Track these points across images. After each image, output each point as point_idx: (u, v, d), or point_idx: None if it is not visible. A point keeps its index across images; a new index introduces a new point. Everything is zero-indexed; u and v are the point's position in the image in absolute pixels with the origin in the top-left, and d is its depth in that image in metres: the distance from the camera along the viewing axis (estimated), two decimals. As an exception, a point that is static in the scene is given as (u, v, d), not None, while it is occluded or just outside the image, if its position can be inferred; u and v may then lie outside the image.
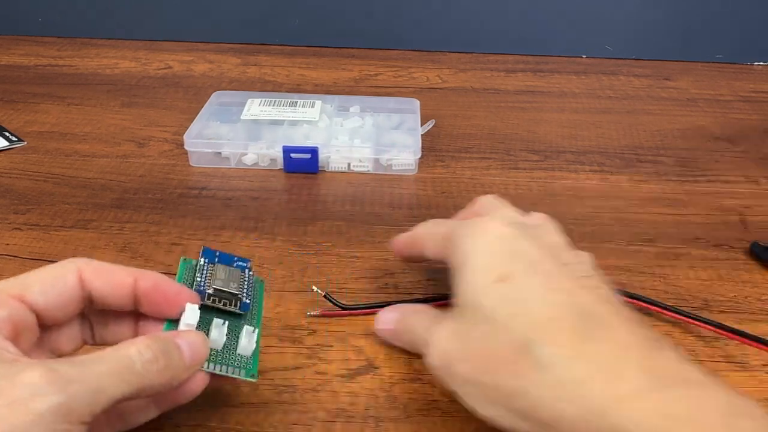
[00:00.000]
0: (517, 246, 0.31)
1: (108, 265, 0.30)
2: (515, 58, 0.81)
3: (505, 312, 0.28)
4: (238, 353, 0.32)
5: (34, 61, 0.77)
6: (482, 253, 0.31)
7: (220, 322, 0.31)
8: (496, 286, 0.29)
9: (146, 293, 0.30)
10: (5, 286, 0.28)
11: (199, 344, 0.29)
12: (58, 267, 0.30)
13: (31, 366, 0.24)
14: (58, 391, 0.23)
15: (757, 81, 0.77)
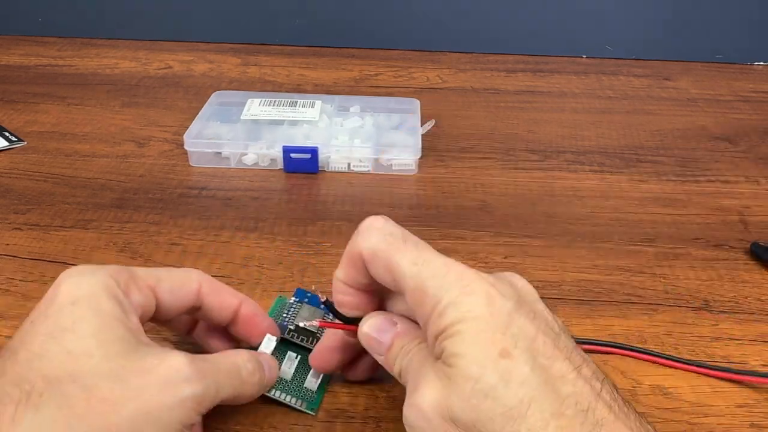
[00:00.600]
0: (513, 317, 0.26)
1: (219, 285, 0.34)
2: (515, 58, 0.81)
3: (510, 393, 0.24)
4: (305, 386, 0.35)
5: (34, 61, 0.77)
6: (483, 320, 0.26)
7: (293, 356, 0.35)
8: (498, 363, 0.25)
9: (243, 319, 0.34)
10: (143, 275, 0.31)
11: (275, 368, 0.33)
12: (184, 273, 0.33)
13: (174, 353, 0.27)
14: (199, 380, 0.27)
15: (757, 81, 0.77)
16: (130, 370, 0.26)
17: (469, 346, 0.25)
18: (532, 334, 0.26)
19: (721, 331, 0.40)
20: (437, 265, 0.27)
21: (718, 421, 0.34)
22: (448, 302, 0.26)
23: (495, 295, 0.26)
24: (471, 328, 0.25)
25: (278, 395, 0.34)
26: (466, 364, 0.25)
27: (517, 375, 0.24)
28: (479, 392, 0.24)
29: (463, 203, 0.52)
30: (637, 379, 0.36)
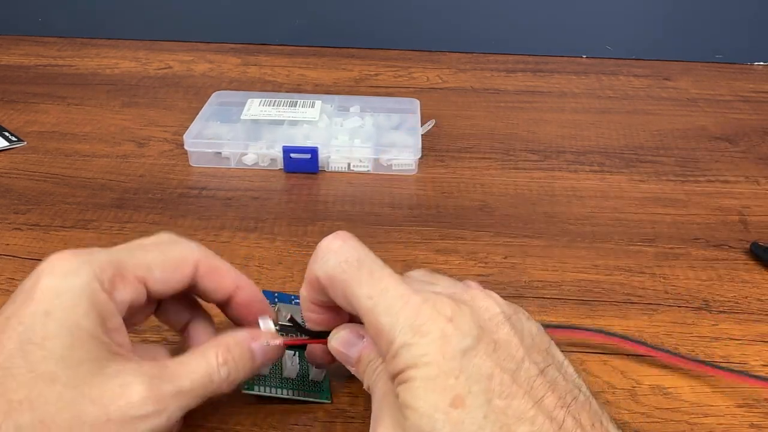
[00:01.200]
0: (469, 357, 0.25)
1: (219, 266, 0.31)
2: (515, 58, 0.81)
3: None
4: (311, 379, 0.35)
5: (34, 61, 0.77)
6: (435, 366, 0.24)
7: (290, 354, 0.34)
8: (449, 413, 0.24)
9: (239, 304, 0.32)
10: (132, 266, 0.29)
11: (273, 348, 0.31)
12: (179, 254, 0.30)
13: (133, 379, 0.26)
14: (159, 413, 0.26)
15: (757, 81, 0.77)
16: (90, 401, 0.25)
17: (420, 397, 0.24)
18: (489, 372, 0.24)
19: (721, 331, 0.40)
20: (392, 299, 0.26)
21: (718, 421, 0.34)
22: (401, 344, 0.25)
23: (451, 334, 0.25)
24: (423, 374, 0.24)
25: (290, 394, 0.34)
26: (417, 418, 0.24)
27: (469, 424, 0.23)
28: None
29: (463, 203, 0.52)
30: (637, 379, 0.36)
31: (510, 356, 0.25)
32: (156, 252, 0.30)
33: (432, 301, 0.26)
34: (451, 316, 0.25)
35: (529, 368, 0.25)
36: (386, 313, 0.26)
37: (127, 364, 0.27)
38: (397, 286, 0.26)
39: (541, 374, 0.25)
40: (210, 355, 0.29)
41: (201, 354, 0.29)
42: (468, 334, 0.25)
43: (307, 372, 0.35)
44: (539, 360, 0.26)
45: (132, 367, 0.27)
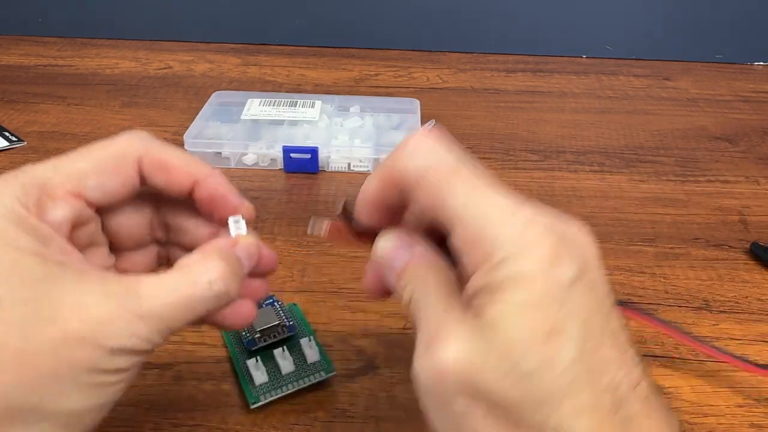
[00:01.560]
0: (572, 291, 0.22)
1: (169, 158, 0.27)
2: (515, 58, 0.81)
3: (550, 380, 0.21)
4: (310, 363, 0.35)
5: (34, 61, 0.77)
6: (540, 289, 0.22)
7: (280, 351, 0.35)
8: (543, 345, 0.21)
9: (201, 200, 0.28)
10: (60, 179, 0.25)
11: (254, 254, 0.28)
12: (114, 154, 0.27)
13: (92, 296, 0.23)
14: (121, 331, 0.23)
15: (757, 81, 0.77)
16: (43, 320, 0.22)
17: (515, 320, 0.22)
18: (586, 312, 0.22)
19: (721, 331, 0.40)
20: (497, 208, 0.23)
21: (718, 421, 0.34)
22: (505, 256, 0.22)
23: (561, 257, 0.22)
24: (523, 296, 0.22)
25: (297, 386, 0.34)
26: (506, 342, 0.21)
27: (561, 360, 0.21)
28: (517, 373, 0.21)
29: (463, 203, 0.52)
30: (637, 379, 0.36)
31: (603, 301, 0.23)
32: (86, 158, 0.26)
33: (543, 218, 0.23)
34: (561, 238, 0.23)
35: (615, 319, 0.23)
36: (488, 223, 0.23)
37: (88, 276, 0.24)
38: (505, 195, 0.24)
39: (623, 328, 0.24)
40: (197, 271, 0.25)
41: (182, 271, 0.25)
42: (575, 264, 0.23)
43: (303, 358, 0.35)
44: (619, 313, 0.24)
45: (93, 279, 0.23)
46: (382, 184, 0.26)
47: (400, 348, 0.38)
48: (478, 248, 0.23)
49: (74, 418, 0.23)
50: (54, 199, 0.25)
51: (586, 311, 0.22)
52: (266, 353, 0.36)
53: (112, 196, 0.26)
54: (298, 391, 0.34)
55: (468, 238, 0.23)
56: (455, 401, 0.22)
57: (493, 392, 0.21)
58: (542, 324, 0.22)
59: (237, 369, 0.35)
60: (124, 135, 0.27)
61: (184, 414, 0.33)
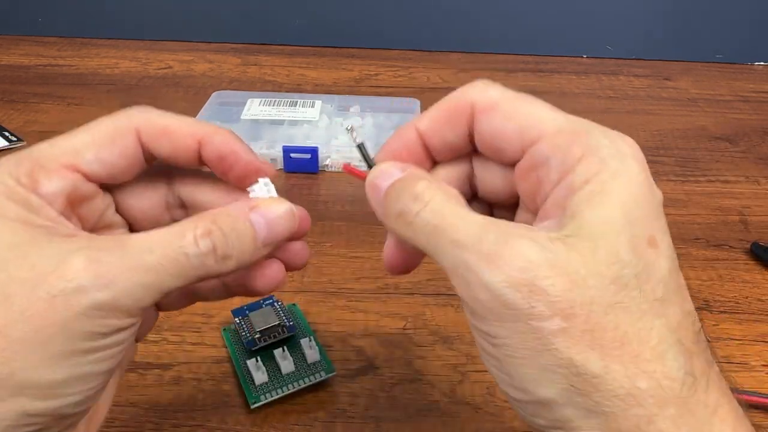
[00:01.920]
0: (660, 209, 0.22)
1: (168, 124, 0.25)
2: (515, 58, 0.81)
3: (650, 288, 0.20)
4: (310, 363, 0.35)
5: (34, 61, 0.77)
6: (643, 191, 0.21)
7: (280, 351, 0.35)
8: (645, 250, 0.20)
9: (211, 161, 0.26)
10: (55, 153, 0.24)
11: (279, 217, 0.25)
12: (111, 127, 0.25)
13: (72, 254, 0.21)
14: (102, 287, 0.21)
15: (757, 81, 0.77)
16: (18, 282, 0.21)
17: (622, 222, 0.20)
18: (668, 232, 0.22)
19: (721, 331, 0.40)
20: (584, 121, 0.23)
21: (718, 421, 0.34)
22: (609, 152, 0.21)
23: (647, 171, 0.22)
24: (630, 199, 0.21)
25: (297, 386, 0.34)
26: (616, 244, 0.20)
27: (658, 270, 0.20)
28: (620, 279, 0.20)
29: (463, 203, 0.52)
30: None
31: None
32: (83, 133, 0.25)
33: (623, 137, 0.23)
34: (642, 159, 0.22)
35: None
36: (584, 124, 0.23)
37: (74, 239, 0.22)
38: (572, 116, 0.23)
39: None
40: (187, 227, 0.23)
41: (176, 227, 0.23)
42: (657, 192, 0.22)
43: (303, 358, 0.35)
44: None
45: (78, 241, 0.22)
46: (441, 115, 0.25)
47: (400, 348, 0.38)
48: (576, 144, 0.22)
49: (56, 390, 0.21)
50: (47, 172, 0.23)
51: (669, 233, 0.22)
52: (266, 353, 0.36)
53: (112, 168, 0.25)
54: (298, 391, 0.34)
55: (561, 138, 0.22)
56: (551, 320, 0.19)
57: (599, 304, 0.20)
58: (645, 230, 0.21)
59: (237, 369, 0.35)
60: (126, 110, 0.26)
61: (184, 414, 0.33)
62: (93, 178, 0.25)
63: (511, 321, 0.20)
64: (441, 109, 0.25)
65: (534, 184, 0.23)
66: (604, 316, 0.20)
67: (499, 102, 0.24)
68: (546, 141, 0.22)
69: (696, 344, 0.21)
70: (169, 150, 0.25)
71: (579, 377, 0.20)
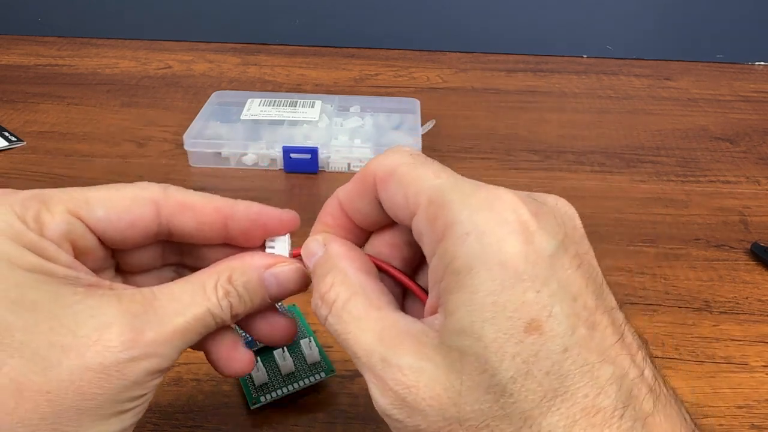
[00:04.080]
0: (555, 266, 0.19)
1: (191, 199, 0.25)
2: (515, 58, 0.81)
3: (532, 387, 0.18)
4: (310, 363, 0.35)
5: (34, 61, 0.77)
6: (513, 268, 0.19)
7: (280, 352, 0.35)
8: (522, 343, 0.18)
9: (242, 233, 0.26)
10: (63, 197, 0.23)
11: (289, 277, 0.26)
12: (130, 194, 0.25)
13: (110, 319, 0.21)
14: (148, 355, 0.22)
15: (757, 81, 0.77)
16: (61, 350, 0.20)
17: (486, 317, 0.18)
18: (575, 291, 0.19)
19: (721, 331, 0.40)
20: (465, 183, 0.21)
21: (718, 422, 0.34)
22: (470, 228, 0.19)
23: (535, 232, 0.19)
24: (495, 277, 0.19)
25: (297, 387, 0.34)
26: (481, 348, 0.18)
27: (544, 360, 0.18)
28: (494, 387, 0.18)
29: (464, 203, 0.52)
30: (638, 379, 0.36)
31: (593, 276, 0.20)
32: (101, 190, 0.24)
33: (512, 192, 0.21)
34: (535, 212, 0.20)
35: (608, 291, 0.21)
36: (456, 191, 0.20)
37: (102, 297, 0.22)
38: (467, 180, 0.22)
39: (619, 308, 0.21)
40: (209, 285, 0.24)
41: (198, 284, 0.24)
42: (555, 237, 0.20)
43: (303, 359, 0.35)
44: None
45: (109, 301, 0.22)
46: (354, 185, 0.25)
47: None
48: (440, 218, 0.20)
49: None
50: (53, 213, 0.23)
51: (573, 292, 0.19)
52: (266, 354, 0.36)
53: (119, 233, 0.24)
54: (298, 392, 0.34)
55: (431, 211, 0.21)
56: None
57: (471, 417, 0.19)
58: (519, 316, 0.18)
59: None
60: (147, 183, 0.25)
61: (184, 415, 0.33)
62: (97, 233, 0.24)
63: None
64: (354, 181, 0.25)
65: (422, 257, 0.23)
66: (484, 430, 0.19)
67: (396, 169, 0.23)
68: (420, 213, 0.21)
69: (625, 408, 0.19)
70: (192, 226, 0.25)
71: None
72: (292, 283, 0.26)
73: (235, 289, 0.24)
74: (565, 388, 0.18)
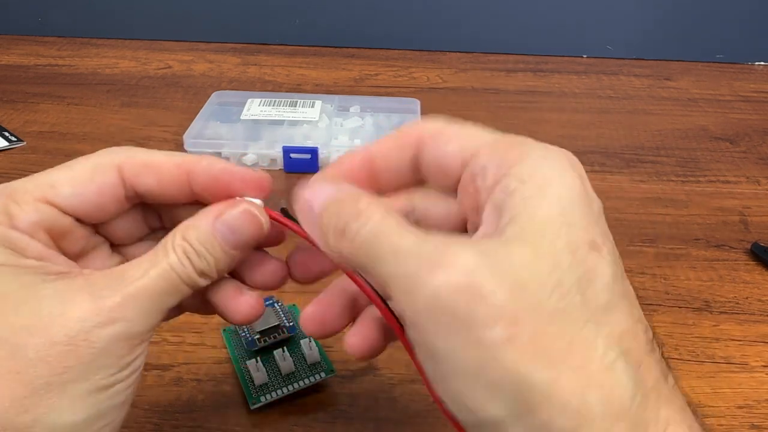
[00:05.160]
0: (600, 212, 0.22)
1: (152, 158, 0.25)
2: (515, 58, 0.81)
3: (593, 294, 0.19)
4: (310, 364, 0.35)
5: (34, 61, 0.77)
6: (578, 197, 0.21)
7: (280, 352, 0.35)
8: (588, 255, 0.20)
9: (203, 187, 0.25)
10: (29, 187, 0.24)
11: (238, 219, 0.25)
12: (91, 163, 0.25)
13: (75, 294, 0.22)
14: (115, 319, 0.22)
15: (757, 81, 0.77)
16: (27, 332, 0.21)
17: (559, 217, 0.20)
18: (612, 239, 0.21)
19: (721, 331, 0.40)
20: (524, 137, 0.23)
21: (718, 422, 0.34)
22: (545, 157, 0.21)
23: (589, 188, 0.22)
24: (567, 194, 0.20)
25: (297, 387, 0.34)
26: (553, 243, 0.19)
27: (601, 275, 0.20)
28: (562, 284, 0.19)
29: (464, 203, 0.52)
30: (638, 379, 0.36)
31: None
32: (62, 169, 0.25)
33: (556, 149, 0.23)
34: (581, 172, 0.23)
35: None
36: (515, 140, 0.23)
37: (71, 280, 0.22)
38: None
39: None
40: (168, 245, 0.23)
41: (161, 246, 0.24)
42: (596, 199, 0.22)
43: (303, 359, 0.35)
44: None
45: (75, 282, 0.22)
46: (391, 143, 0.25)
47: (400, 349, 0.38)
48: (510, 152, 0.22)
49: (78, 431, 0.21)
50: (21, 205, 0.23)
51: (611, 238, 0.21)
52: (266, 354, 0.36)
53: (90, 204, 0.25)
54: (298, 392, 0.34)
55: (497, 148, 0.23)
56: (493, 329, 0.18)
57: (539, 310, 0.18)
58: (584, 234, 0.20)
59: (237, 370, 0.35)
60: (111, 148, 0.26)
61: (184, 415, 0.33)
62: (69, 212, 0.24)
63: (452, 331, 0.19)
64: (393, 137, 0.25)
65: (473, 195, 0.23)
66: (549, 325, 0.18)
67: (443, 128, 0.24)
68: (483, 151, 0.23)
69: (647, 354, 0.20)
70: (154, 184, 0.25)
71: (526, 392, 0.18)
72: (246, 227, 0.25)
73: (190, 245, 0.23)
74: (613, 306, 0.20)
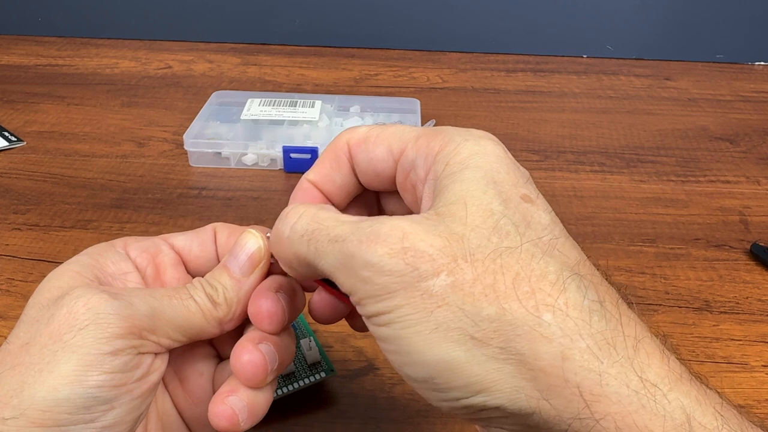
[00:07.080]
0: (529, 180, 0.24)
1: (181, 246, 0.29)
2: (515, 58, 0.81)
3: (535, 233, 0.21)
4: (310, 363, 0.35)
5: (34, 61, 0.77)
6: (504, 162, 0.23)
7: None
8: (521, 205, 0.21)
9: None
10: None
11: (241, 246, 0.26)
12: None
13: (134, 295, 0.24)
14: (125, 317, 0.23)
15: (757, 81, 0.77)
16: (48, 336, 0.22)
17: (485, 179, 0.21)
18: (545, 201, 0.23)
19: (721, 331, 0.40)
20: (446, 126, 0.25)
21: (718, 421, 0.34)
22: (465, 138, 0.23)
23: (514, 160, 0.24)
24: (490, 162, 0.22)
25: (297, 387, 0.34)
26: (487, 199, 0.21)
27: (539, 220, 0.21)
28: (500, 230, 0.20)
29: (464, 203, 0.52)
30: (638, 379, 0.36)
31: None
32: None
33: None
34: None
35: None
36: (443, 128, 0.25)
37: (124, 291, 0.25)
38: None
39: None
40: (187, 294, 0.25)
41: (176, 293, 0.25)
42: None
43: (303, 359, 0.35)
44: None
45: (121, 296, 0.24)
46: (324, 162, 0.26)
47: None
48: (435, 142, 0.24)
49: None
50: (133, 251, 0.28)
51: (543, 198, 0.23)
52: None
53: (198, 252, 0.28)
54: (298, 392, 0.34)
55: (423, 142, 0.24)
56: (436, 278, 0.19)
57: (478, 252, 0.20)
58: (514, 189, 0.22)
59: None
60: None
61: (184, 415, 0.33)
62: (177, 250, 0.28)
63: (400, 289, 0.20)
64: (324, 158, 0.26)
65: (411, 190, 0.24)
66: (491, 263, 0.20)
67: (368, 134, 0.25)
68: (410, 147, 0.24)
69: (602, 281, 0.21)
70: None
71: (476, 326, 0.19)
72: (245, 251, 0.26)
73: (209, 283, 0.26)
74: (558, 243, 0.21)
